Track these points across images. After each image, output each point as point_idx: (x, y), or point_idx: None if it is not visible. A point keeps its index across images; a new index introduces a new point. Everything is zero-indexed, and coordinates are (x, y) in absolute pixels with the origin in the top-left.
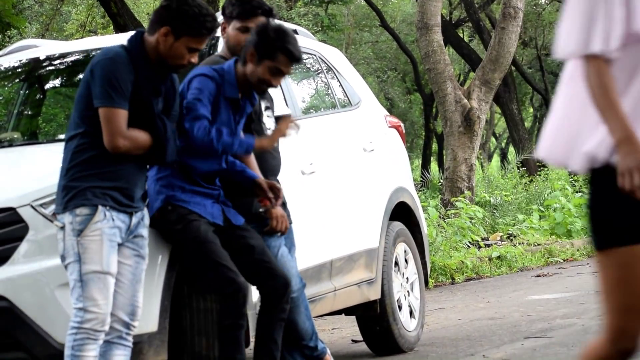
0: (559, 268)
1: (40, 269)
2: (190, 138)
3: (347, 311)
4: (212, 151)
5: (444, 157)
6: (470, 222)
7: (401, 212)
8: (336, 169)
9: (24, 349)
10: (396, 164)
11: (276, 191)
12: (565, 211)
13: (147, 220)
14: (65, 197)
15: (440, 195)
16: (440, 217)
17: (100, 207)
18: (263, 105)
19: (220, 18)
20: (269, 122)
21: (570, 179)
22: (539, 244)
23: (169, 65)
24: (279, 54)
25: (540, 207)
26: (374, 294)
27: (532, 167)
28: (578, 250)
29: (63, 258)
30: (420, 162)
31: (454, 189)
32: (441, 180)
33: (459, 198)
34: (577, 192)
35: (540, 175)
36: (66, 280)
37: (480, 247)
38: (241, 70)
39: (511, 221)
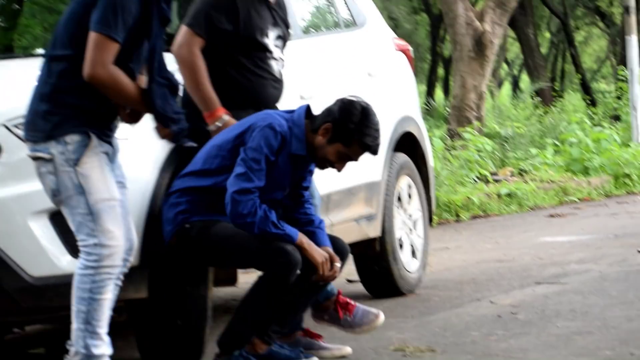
0: (575, 208)
1: (13, 195)
2: (230, 206)
3: None
4: (249, 232)
5: (451, 83)
6: (479, 155)
7: (406, 143)
8: (337, 94)
9: None
10: (403, 90)
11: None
12: (583, 146)
13: (119, 148)
14: (49, 124)
15: (446, 125)
16: (445, 149)
17: (92, 134)
18: (274, 33)
19: None
20: (277, 52)
21: (589, 111)
22: (552, 181)
23: None
24: (354, 143)
25: (555, 141)
26: (374, 231)
27: (547, 97)
28: (595, 189)
29: (56, 193)
30: (425, 88)
31: (461, 119)
32: (447, 109)
33: (467, 128)
34: (595, 125)
35: (556, 106)
36: (41, 208)
37: (488, 182)
38: (311, 134)
39: (523, 155)
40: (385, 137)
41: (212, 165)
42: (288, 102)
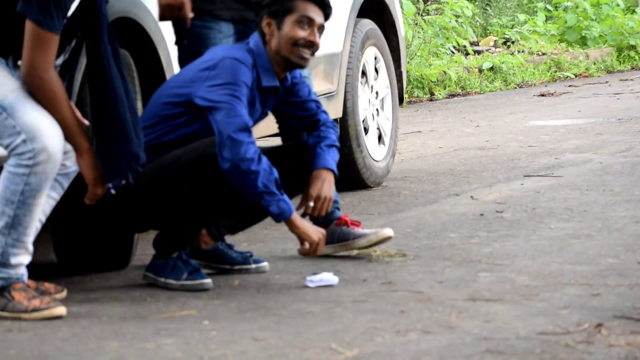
0: (569, 86)
1: None
2: (227, 151)
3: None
4: (248, 184)
5: None
6: (456, 21)
7: (373, 8)
8: None
9: None
10: None
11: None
12: (580, 12)
13: None
14: None
15: None
16: (417, 13)
17: None
18: None
19: None
20: None
21: None
22: (544, 54)
23: None
24: (296, 2)
25: (547, 6)
26: (334, 111)
27: None
28: (595, 63)
29: None
30: None
31: None
32: None
33: None
34: None
35: None
36: None
37: (468, 54)
38: (269, 50)
39: (509, 22)
40: (347, 0)
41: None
42: None
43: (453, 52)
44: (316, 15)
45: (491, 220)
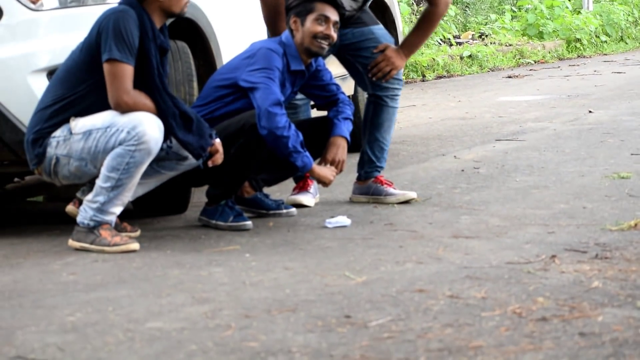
0: (530, 70)
1: (13, 54)
2: (264, 120)
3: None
4: (281, 146)
5: None
6: (442, 19)
7: (377, 8)
8: None
9: None
10: None
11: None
12: (538, 12)
13: None
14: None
15: None
16: (412, 13)
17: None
18: None
19: None
20: None
21: None
22: (510, 45)
23: (177, 13)
24: (315, 4)
25: (513, 7)
26: (347, 89)
27: None
28: (549, 52)
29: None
30: None
31: None
32: None
33: None
34: None
35: None
36: (40, 67)
37: (451, 45)
38: (296, 42)
39: (483, 20)
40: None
41: (216, 95)
42: None
43: (440, 43)
44: (331, 14)
45: (470, 175)
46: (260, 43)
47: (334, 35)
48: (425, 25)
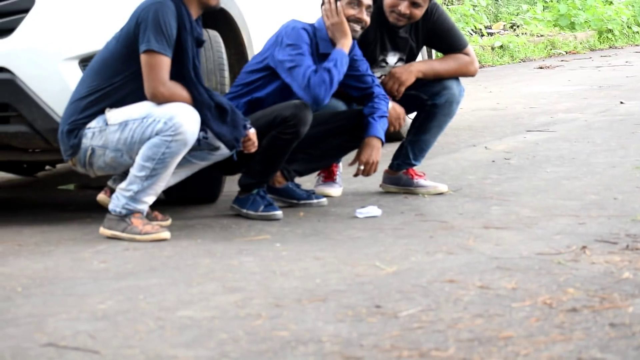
0: (562, 60)
1: (45, 41)
2: (313, 95)
3: None
4: (333, 84)
5: None
6: (474, 9)
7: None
8: None
9: (25, 122)
10: None
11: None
12: (570, 3)
13: None
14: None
15: None
16: (443, 4)
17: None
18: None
19: None
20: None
21: None
22: (541, 35)
23: (212, 5)
24: None
25: None
26: None
27: None
28: (581, 43)
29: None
30: None
31: None
32: None
33: None
34: None
35: None
36: (72, 55)
37: (483, 35)
38: (328, 25)
39: (515, 11)
40: None
41: (247, 80)
42: None
43: (471, 34)
44: None
45: (500, 166)
46: (289, 22)
47: (367, 19)
48: (451, 58)
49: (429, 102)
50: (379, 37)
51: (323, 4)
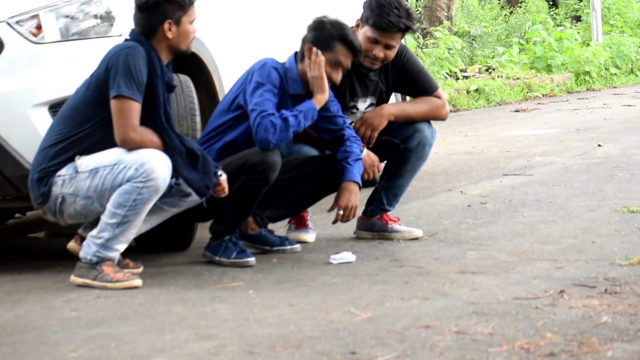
0: (538, 103)
1: (14, 88)
2: (258, 139)
3: None
4: (285, 137)
5: None
6: (449, 52)
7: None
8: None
9: None
10: None
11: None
12: (546, 45)
13: None
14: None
15: (418, 25)
16: (418, 47)
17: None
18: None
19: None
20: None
21: (551, 12)
22: (518, 78)
23: (183, 51)
24: (337, 45)
25: (521, 40)
26: None
27: None
28: (557, 85)
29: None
30: None
31: (432, 19)
32: (419, 9)
33: (438, 28)
34: (558, 25)
35: (520, 7)
36: (41, 100)
37: (458, 78)
38: (301, 67)
39: (490, 53)
40: None
41: (219, 122)
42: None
43: (446, 77)
44: (347, 60)
45: (477, 210)
46: (261, 60)
47: (338, 80)
48: (422, 101)
49: (401, 146)
50: (349, 82)
51: (302, 58)
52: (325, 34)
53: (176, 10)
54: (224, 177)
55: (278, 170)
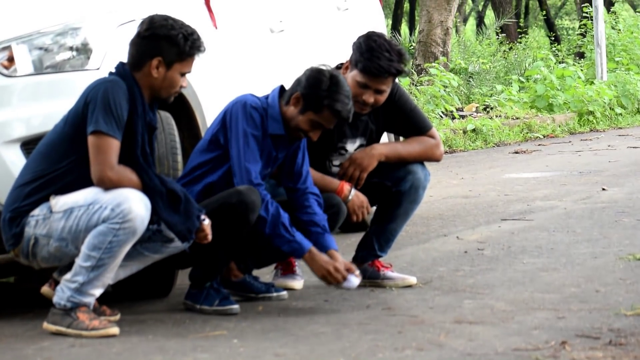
0: (539, 145)
1: None
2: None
3: None
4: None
5: (417, 18)
6: (445, 90)
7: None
8: (307, 28)
9: None
10: (372, 24)
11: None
12: (547, 83)
13: None
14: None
15: (412, 60)
16: (412, 84)
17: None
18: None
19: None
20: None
21: (553, 48)
22: (517, 118)
23: (163, 97)
24: (324, 110)
25: (520, 78)
26: None
27: (512, 34)
28: (559, 126)
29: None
30: (391, 22)
31: (427, 54)
32: (413, 44)
33: (433, 64)
34: (560, 62)
35: (520, 42)
36: (13, 138)
37: (454, 118)
38: (285, 109)
39: (488, 91)
40: None
41: (199, 160)
42: (256, 35)
43: (442, 116)
44: (329, 124)
45: (474, 257)
46: (239, 98)
47: (315, 138)
48: (415, 141)
49: (393, 189)
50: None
51: (294, 89)
52: (317, 95)
53: (173, 53)
54: (207, 222)
55: (258, 211)
